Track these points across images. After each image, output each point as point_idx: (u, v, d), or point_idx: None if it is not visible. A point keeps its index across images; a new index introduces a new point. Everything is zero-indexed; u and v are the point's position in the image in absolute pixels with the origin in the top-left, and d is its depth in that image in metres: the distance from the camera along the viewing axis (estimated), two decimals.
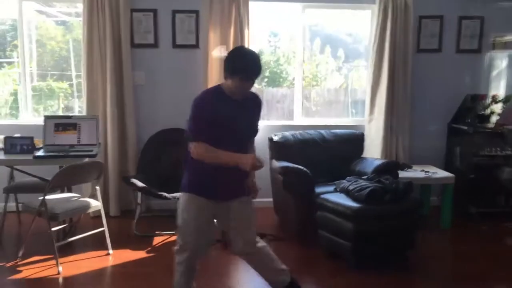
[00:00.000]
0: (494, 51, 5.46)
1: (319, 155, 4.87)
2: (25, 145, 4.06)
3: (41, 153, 4.02)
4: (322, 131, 5.08)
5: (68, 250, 4.06)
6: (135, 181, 4.48)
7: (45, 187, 3.73)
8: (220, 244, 4.17)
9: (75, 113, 5.31)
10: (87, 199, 4.09)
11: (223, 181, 2.83)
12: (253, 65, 2.73)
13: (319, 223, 4.08)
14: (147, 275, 3.71)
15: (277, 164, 4.57)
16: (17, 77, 5.23)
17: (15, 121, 5.20)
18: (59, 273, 3.68)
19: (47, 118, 4.29)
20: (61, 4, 5.41)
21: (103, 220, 4.10)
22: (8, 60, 5.39)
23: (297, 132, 4.97)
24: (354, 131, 5.20)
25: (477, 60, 5.46)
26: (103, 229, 4.08)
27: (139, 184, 4.44)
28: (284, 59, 5.94)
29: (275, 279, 3.12)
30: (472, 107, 5.23)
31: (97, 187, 4.10)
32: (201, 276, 3.21)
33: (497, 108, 5.18)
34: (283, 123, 5.41)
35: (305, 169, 4.33)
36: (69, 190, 4.31)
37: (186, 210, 2.88)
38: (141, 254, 4.12)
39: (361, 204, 3.82)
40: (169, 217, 5.01)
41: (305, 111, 5.64)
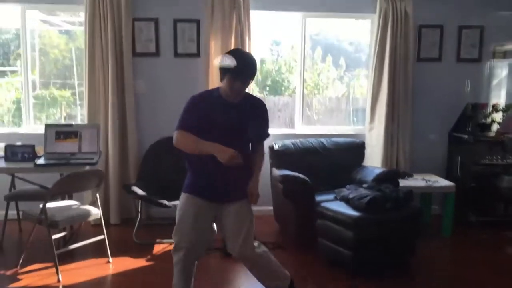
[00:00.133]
0: (494, 60, 5.47)
1: (320, 164, 4.87)
2: (26, 153, 4.08)
3: (42, 161, 4.03)
4: (322, 140, 5.09)
5: (68, 258, 4.06)
6: (136, 189, 4.49)
7: (45, 195, 3.75)
8: (220, 253, 4.18)
9: (78, 122, 5.33)
10: (87, 207, 4.10)
11: (222, 183, 2.87)
12: (241, 64, 2.77)
13: (319, 231, 4.07)
14: (147, 283, 3.70)
15: (278, 172, 4.58)
16: (19, 85, 5.26)
17: (18, 129, 5.23)
18: (59, 281, 3.67)
19: (48, 126, 4.32)
20: (64, 13, 5.45)
21: (103, 228, 4.10)
22: (11, 68, 5.43)
23: (298, 140, 4.98)
24: (354, 140, 5.21)
25: (477, 69, 5.47)
26: (103, 237, 4.09)
27: (140, 192, 4.45)
28: (285, 68, 5.96)
29: (278, 285, 3.11)
30: (472, 116, 5.23)
31: (97, 195, 4.12)
32: (201, 285, 3.21)
33: (497, 117, 5.19)
34: (284, 132, 5.42)
35: (305, 178, 4.33)
36: (69, 198, 4.32)
37: (182, 209, 2.93)
38: (141, 262, 4.12)
39: (361, 212, 3.82)
40: (169, 225, 5.00)
41: (306, 120, 5.65)
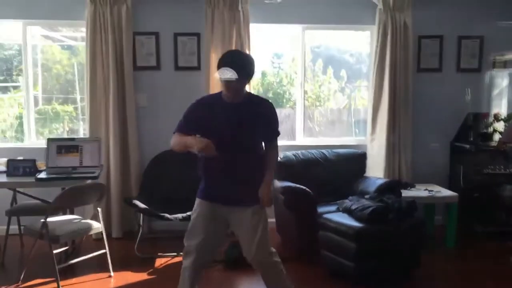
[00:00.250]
0: (494, 70, 5.48)
1: (322, 175, 4.87)
2: (28, 167, 4.07)
3: (43, 175, 4.03)
4: (324, 151, 5.09)
5: (69, 272, 4.05)
6: (137, 202, 4.48)
7: (47, 209, 3.75)
8: (222, 265, 4.16)
9: (80, 136, 5.34)
10: (89, 221, 4.09)
11: (233, 187, 2.87)
12: (227, 59, 2.81)
13: (322, 243, 4.05)
14: None
15: (279, 183, 4.57)
16: (22, 101, 5.29)
17: (20, 144, 5.24)
18: None
19: (50, 140, 4.33)
20: (66, 28, 5.50)
21: (104, 242, 4.09)
22: (14, 84, 5.46)
23: (299, 152, 4.98)
24: (356, 151, 5.21)
25: (477, 79, 5.47)
26: (104, 251, 4.07)
27: (141, 205, 4.44)
28: (286, 80, 5.98)
29: None
30: (474, 126, 5.22)
31: (99, 209, 4.11)
32: None
33: (499, 126, 5.19)
34: (286, 143, 5.41)
35: (307, 189, 4.33)
36: (71, 212, 4.31)
37: (194, 214, 2.98)
38: (142, 276, 4.10)
39: (363, 223, 3.79)
40: (171, 238, 5.01)
41: (308, 131, 5.66)
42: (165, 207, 4.59)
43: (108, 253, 4.07)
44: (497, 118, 5.21)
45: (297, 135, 5.52)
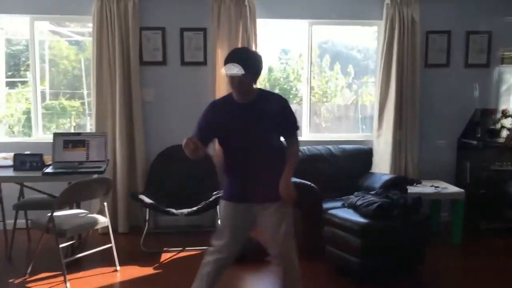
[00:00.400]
0: (503, 66, 5.44)
1: (327, 171, 4.86)
2: (35, 162, 4.09)
3: (50, 170, 4.05)
4: (330, 147, 5.07)
5: (76, 266, 4.08)
6: (143, 197, 4.50)
7: (53, 203, 3.77)
8: None
9: (87, 131, 5.37)
10: (95, 216, 4.12)
11: (255, 185, 2.86)
12: (232, 55, 2.82)
13: (327, 239, 4.05)
14: None
15: None
16: (30, 96, 5.32)
17: (28, 139, 5.28)
18: None
19: (56, 135, 4.34)
20: (74, 24, 5.52)
21: (110, 236, 4.11)
22: (22, 79, 5.49)
23: (305, 147, 4.96)
24: (362, 147, 5.19)
25: (485, 74, 5.44)
26: (111, 245, 4.09)
27: (147, 200, 4.47)
28: (293, 76, 5.96)
29: None
30: (481, 122, 5.19)
31: (105, 203, 4.13)
32: None
33: (507, 122, 5.14)
34: None
35: (313, 185, 4.32)
36: (77, 206, 4.33)
37: (222, 216, 3.01)
38: (148, 270, 4.12)
39: (369, 219, 3.78)
40: (177, 233, 5.04)
41: (315, 127, 5.65)
42: (171, 202, 4.62)
43: (114, 247, 4.10)
44: (505, 114, 5.17)
45: (303, 131, 5.50)
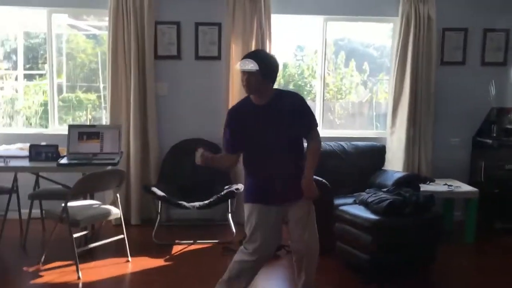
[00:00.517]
0: None
1: (339, 167, 4.85)
2: (50, 152, 4.14)
3: (64, 161, 4.11)
4: (342, 143, 5.07)
5: (88, 256, 4.14)
6: (155, 189, 4.55)
7: (67, 194, 3.84)
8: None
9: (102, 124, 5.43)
10: (108, 207, 4.17)
11: (280, 185, 2.91)
12: (249, 53, 2.90)
13: (338, 235, 4.05)
14: (165, 283, 3.74)
15: None
16: (47, 88, 5.39)
17: (44, 130, 5.35)
18: (79, 278, 3.74)
19: (71, 127, 4.40)
20: (92, 17, 5.57)
21: (123, 227, 4.16)
22: (39, 72, 5.57)
23: None
24: (375, 144, 5.17)
25: (502, 73, 5.37)
26: (123, 236, 4.14)
27: (159, 193, 4.51)
28: (308, 72, 5.95)
29: None
30: (497, 121, 5.13)
31: (118, 195, 4.18)
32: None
33: None
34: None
35: (324, 181, 4.31)
36: (91, 197, 4.40)
37: (249, 220, 2.99)
38: (159, 262, 4.16)
39: (380, 216, 3.77)
40: (188, 227, 5.08)
41: (329, 124, 5.64)
42: (183, 195, 4.66)
43: (126, 238, 4.15)
44: None
45: None
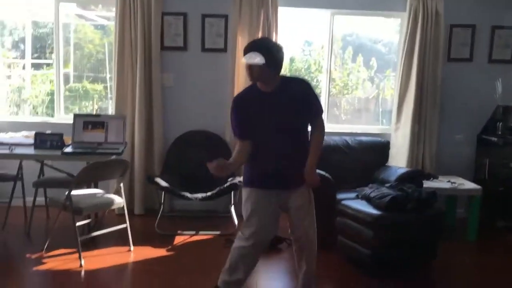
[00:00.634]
0: None
1: (343, 162, 4.85)
2: (55, 141, 4.17)
3: (69, 150, 4.13)
4: (346, 138, 5.06)
5: (91, 244, 4.18)
6: (159, 180, 4.57)
7: (71, 182, 3.87)
8: None
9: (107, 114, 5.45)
10: (112, 196, 4.19)
11: (281, 170, 2.92)
12: (252, 44, 2.87)
13: (339, 229, 4.06)
14: (166, 272, 3.76)
15: None
16: (53, 77, 5.42)
17: (50, 119, 5.39)
18: (81, 266, 3.78)
19: (76, 116, 4.42)
20: (100, 8, 5.59)
21: (126, 217, 4.19)
22: (47, 61, 5.60)
23: None
24: (379, 139, 5.16)
25: (509, 70, 5.33)
26: (125, 225, 4.17)
27: (162, 183, 4.53)
28: (315, 67, 5.94)
29: (308, 282, 3.18)
30: (503, 119, 5.10)
31: (121, 184, 4.20)
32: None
33: None
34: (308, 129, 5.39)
35: (327, 175, 4.31)
36: (95, 186, 4.43)
37: (249, 204, 2.99)
38: (161, 252, 4.19)
39: (381, 211, 3.78)
40: (191, 218, 5.11)
41: (334, 119, 5.63)
42: (186, 186, 4.68)
43: (128, 228, 4.17)
44: None
45: None
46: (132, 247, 4.16)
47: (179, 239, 4.50)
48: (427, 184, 4.62)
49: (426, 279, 3.86)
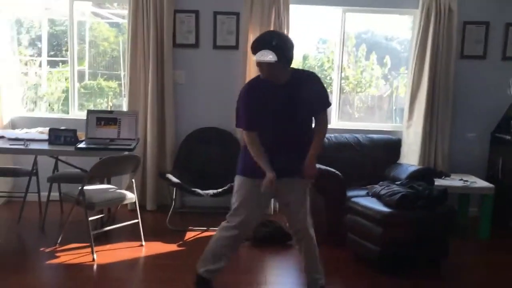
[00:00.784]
0: None
1: (354, 159, 4.85)
2: (68, 137, 4.23)
3: (82, 145, 4.19)
4: (357, 135, 5.05)
5: (103, 239, 4.24)
6: (170, 176, 4.62)
7: (84, 177, 3.93)
8: (248, 242, 4.24)
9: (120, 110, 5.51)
10: (124, 191, 4.24)
11: (278, 160, 2.93)
12: (256, 39, 2.89)
13: (349, 226, 4.06)
14: (177, 267, 3.80)
15: None
16: (69, 75, 5.50)
17: (65, 116, 5.46)
18: (93, 260, 3.84)
19: (89, 112, 4.48)
20: (115, 6, 5.65)
21: (137, 212, 4.24)
22: (63, 59, 5.68)
23: (332, 135, 4.95)
24: (391, 137, 5.14)
25: None
26: (137, 221, 4.22)
27: (174, 179, 4.58)
28: (328, 64, 5.94)
29: (315, 276, 3.21)
30: None
31: (133, 180, 4.26)
32: (228, 272, 3.28)
33: None
34: None
35: (337, 172, 4.32)
36: (108, 182, 4.49)
37: (241, 193, 3.03)
38: (172, 247, 4.23)
39: (391, 209, 3.77)
40: (202, 214, 5.15)
41: (347, 117, 5.63)
42: (197, 183, 4.72)
43: (140, 223, 4.22)
44: None
45: (332, 119, 5.48)
46: (143, 242, 4.21)
47: (190, 235, 4.55)
48: (439, 182, 4.59)
49: (436, 277, 3.83)
